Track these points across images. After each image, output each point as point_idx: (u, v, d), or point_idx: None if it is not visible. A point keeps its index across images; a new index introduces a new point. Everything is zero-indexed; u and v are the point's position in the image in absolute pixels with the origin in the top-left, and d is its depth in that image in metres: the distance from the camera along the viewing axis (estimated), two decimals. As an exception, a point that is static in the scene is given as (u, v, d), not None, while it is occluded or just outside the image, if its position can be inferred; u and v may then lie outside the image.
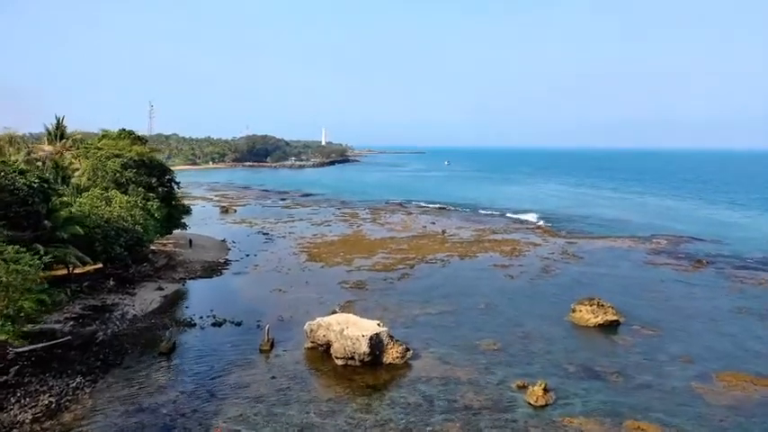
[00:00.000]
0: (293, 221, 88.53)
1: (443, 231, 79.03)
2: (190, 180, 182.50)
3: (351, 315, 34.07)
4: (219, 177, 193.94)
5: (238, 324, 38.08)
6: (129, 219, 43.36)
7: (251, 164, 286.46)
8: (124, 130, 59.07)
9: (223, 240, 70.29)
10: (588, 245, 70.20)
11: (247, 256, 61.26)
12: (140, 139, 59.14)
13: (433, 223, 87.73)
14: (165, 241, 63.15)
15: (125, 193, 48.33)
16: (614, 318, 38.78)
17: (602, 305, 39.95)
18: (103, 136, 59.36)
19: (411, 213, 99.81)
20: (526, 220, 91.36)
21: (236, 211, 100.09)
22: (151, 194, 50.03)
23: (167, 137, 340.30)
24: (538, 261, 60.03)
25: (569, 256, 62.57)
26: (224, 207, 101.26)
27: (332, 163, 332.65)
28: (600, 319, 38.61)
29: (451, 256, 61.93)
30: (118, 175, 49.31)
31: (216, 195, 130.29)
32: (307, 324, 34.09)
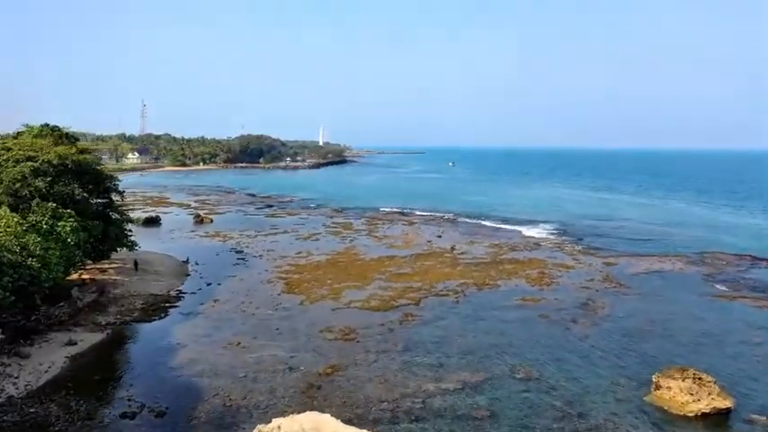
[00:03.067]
0: (276, 234, 75.67)
1: (452, 248, 66.21)
2: (174, 183, 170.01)
3: (326, 418, 21.24)
4: (207, 180, 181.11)
5: (161, 414, 25.24)
6: (19, 249, 30.44)
7: (243, 165, 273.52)
8: (47, 125, 46.24)
9: (185, 261, 57.50)
10: (630, 266, 57.46)
11: (209, 285, 48.45)
12: (68, 137, 46.33)
13: (439, 236, 75.00)
14: (103, 266, 50.33)
15: (27, 209, 35.48)
16: (724, 404, 25.98)
17: (700, 379, 27.21)
18: (19, 133, 46.51)
19: (413, 224, 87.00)
20: (548, 233, 78.52)
21: (212, 220, 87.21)
22: (67, 211, 37.07)
23: (157, 137, 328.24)
24: (576, 291, 47.28)
25: (613, 284, 49.81)
26: (198, 216, 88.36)
27: (328, 164, 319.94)
28: (704, 405, 25.82)
29: (466, 284, 49.11)
30: (19, 185, 36.43)
31: (196, 201, 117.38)
32: (256, 430, 21.28)
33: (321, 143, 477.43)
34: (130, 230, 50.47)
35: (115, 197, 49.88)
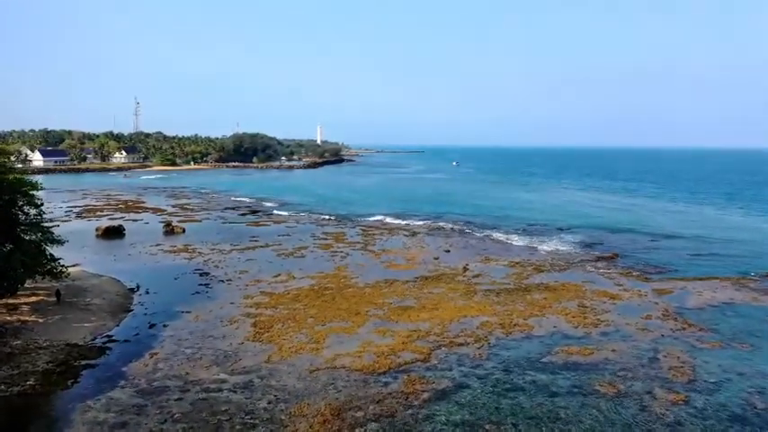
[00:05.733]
0: (255, 248, 64.14)
1: (465, 268, 54.77)
2: (158, 184, 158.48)
3: None
4: (193, 181, 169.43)
5: None
6: None
7: (235, 164, 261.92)
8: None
9: (132, 289, 45.99)
10: (689, 295, 46.04)
11: (151, 327, 36.90)
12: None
13: (447, 251, 63.57)
14: (18, 300, 38.70)
15: None
16: None
17: None
18: None
19: (416, 234, 75.48)
20: (574, 247, 66.98)
21: (184, 230, 75.62)
22: None
23: (147, 135, 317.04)
24: (635, 337, 35.76)
25: (680, 324, 38.28)
26: (168, 225, 76.72)
27: (325, 163, 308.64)
28: None
29: (489, 325, 37.57)
30: None
31: (174, 205, 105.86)
32: None
33: (319, 142, 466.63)
34: (51, 255, 38.70)
35: (32, 211, 38.08)
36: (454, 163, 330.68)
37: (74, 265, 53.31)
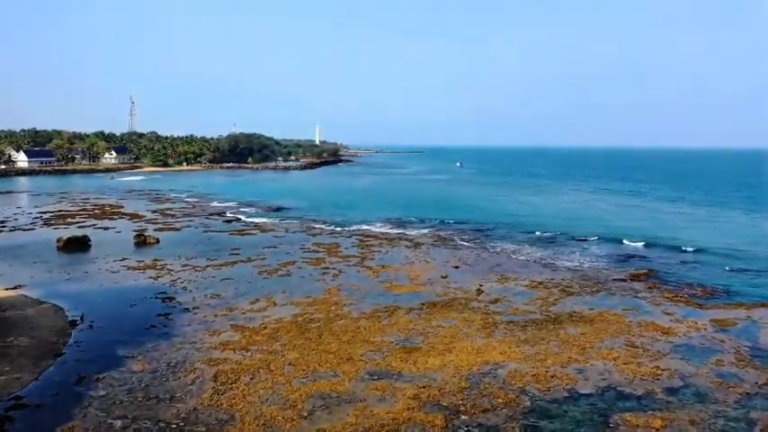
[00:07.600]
0: (234, 264, 55.62)
1: (479, 290, 46.29)
2: (144, 186, 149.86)
3: None
4: (183, 183, 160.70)
5: None
6: None
7: (230, 165, 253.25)
8: None
9: (74, 322, 37.42)
10: (755, 327, 37.75)
11: (79, 381, 28.29)
12: None
13: (456, 267, 55.10)
14: None
15: None
16: None
17: None
18: None
19: (419, 245, 66.89)
20: (603, 262, 58.45)
21: (157, 241, 66.97)
22: None
23: (140, 135, 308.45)
24: (712, 393, 27.28)
25: (761, 373, 29.83)
26: (141, 236, 68.05)
27: (323, 164, 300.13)
28: None
29: (520, 378, 28.96)
30: None
31: (155, 211, 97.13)
32: None
33: (318, 142, 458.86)
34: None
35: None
36: (458, 164, 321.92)
37: (14, 288, 45.28)
